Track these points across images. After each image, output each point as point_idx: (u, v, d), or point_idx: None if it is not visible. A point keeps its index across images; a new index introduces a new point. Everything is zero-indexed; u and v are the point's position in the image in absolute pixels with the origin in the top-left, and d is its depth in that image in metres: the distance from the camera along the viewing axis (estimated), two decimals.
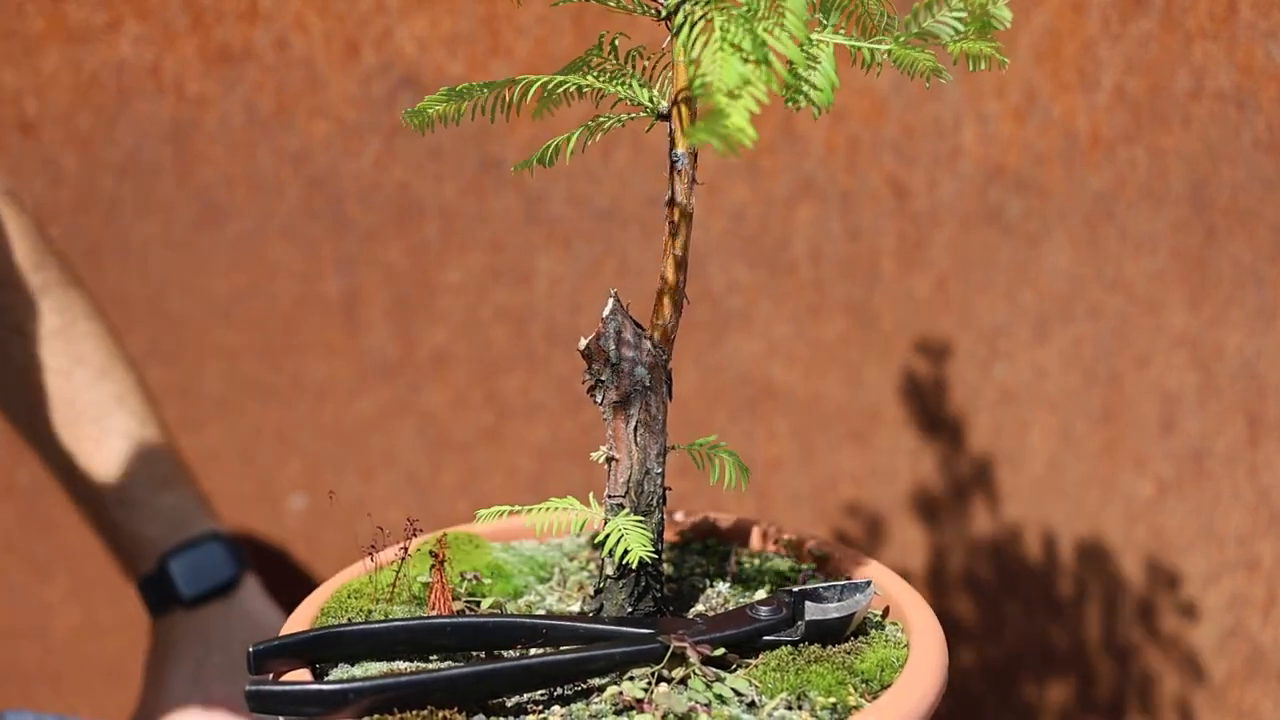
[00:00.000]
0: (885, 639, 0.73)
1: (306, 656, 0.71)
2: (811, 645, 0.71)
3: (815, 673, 0.69)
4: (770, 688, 0.68)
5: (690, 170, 0.71)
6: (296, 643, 0.71)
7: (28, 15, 1.27)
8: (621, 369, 0.73)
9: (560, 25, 1.22)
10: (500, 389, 1.31)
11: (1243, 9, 1.12)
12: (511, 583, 0.82)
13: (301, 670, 0.71)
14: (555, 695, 0.69)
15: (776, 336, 1.26)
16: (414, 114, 0.73)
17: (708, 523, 0.87)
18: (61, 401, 1.12)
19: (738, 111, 0.56)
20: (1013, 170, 1.19)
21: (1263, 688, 1.25)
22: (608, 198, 1.26)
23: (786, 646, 0.71)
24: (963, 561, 1.28)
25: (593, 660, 0.68)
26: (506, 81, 0.72)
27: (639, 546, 0.70)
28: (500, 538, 0.87)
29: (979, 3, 0.63)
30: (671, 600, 0.79)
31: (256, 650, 0.70)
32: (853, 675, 0.69)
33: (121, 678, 1.43)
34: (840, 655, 0.71)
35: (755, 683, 0.68)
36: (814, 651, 0.71)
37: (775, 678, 0.69)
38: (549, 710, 0.68)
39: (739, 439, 1.28)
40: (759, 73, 0.57)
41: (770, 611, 0.71)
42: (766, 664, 0.70)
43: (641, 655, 0.68)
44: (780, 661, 0.70)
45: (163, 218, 1.32)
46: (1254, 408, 1.20)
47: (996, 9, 0.63)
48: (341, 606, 0.77)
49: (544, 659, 0.68)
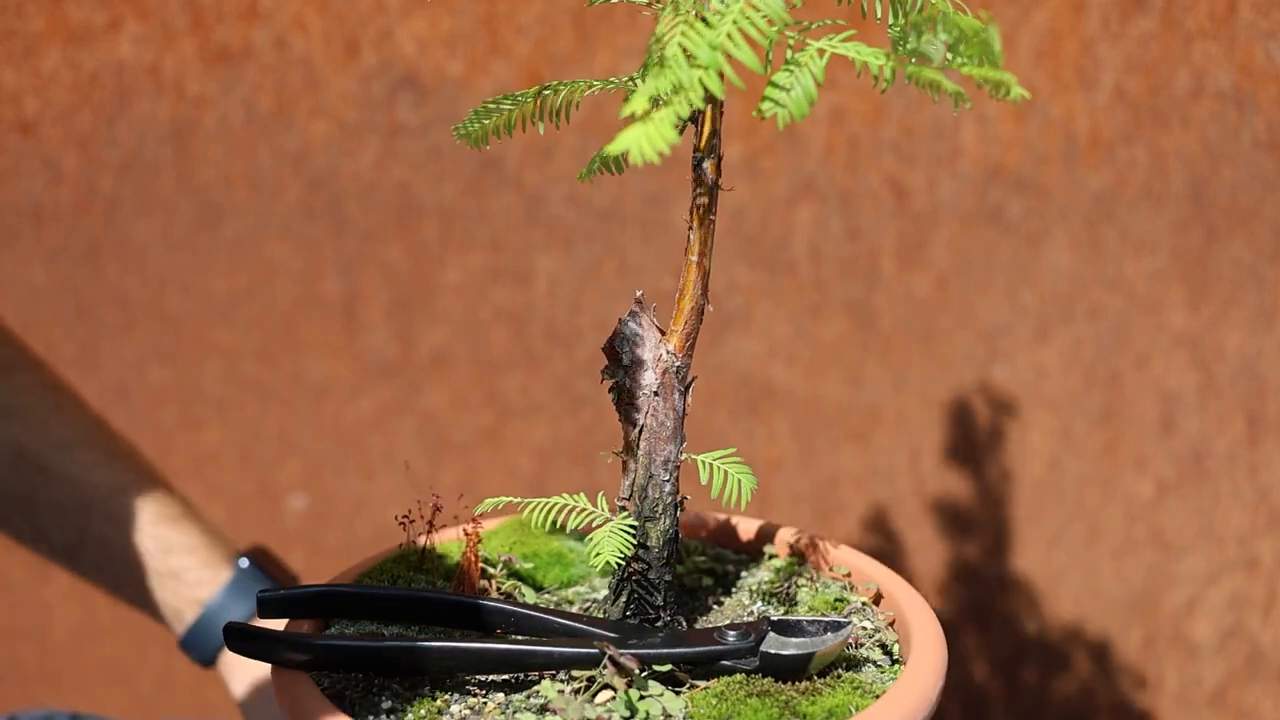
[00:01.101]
0: (856, 684, 0.69)
1: (310, 610, 0.75)
2: (765, 678, 0.69)
3: (750, 705, 0.66)
4: (701, 713, 0.66)
5: (711, 176, 0.70)
6: (300, 596, 0.74)
7: (28, 15, 1.27)
8: (633, 373, 0.72)
9: (560, 25, 1.22)
10: (500, 389, 1.31)
11: (1243, 9, 1.12)
12: (569, 571, 0.82)
13: (304, 622, 0.75)
14: (505, 683, 0.70)
15: (776, 336, 1.26)
16: (463, 133, 0.71)
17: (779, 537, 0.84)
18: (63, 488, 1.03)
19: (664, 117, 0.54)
20: (1013, 170, 1.19)
21: (1263, 688, 1.25)
22: (608, 198, 1.26)
23: (740, 675, 0.69)
24: (963, 561, 1.28)
25: (532, 655, 0.69)
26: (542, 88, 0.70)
27: (610, 551, 0.70)
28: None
29: (973, 29, 0.61)
30: (706, 611, 0.78)
31: (263, 597, 0.74)
32: (793, 716, 0.66)
33: (121, 678, 1.43)
34: (791, 694, 0.67)
35: (690, 706, 0.67)
36: (764, 685, 0.68)
37: (711, 704, 0.67)
38: (490, 696, 0.69)
39: (739, 439, 1.28)
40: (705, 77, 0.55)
41: (736, 637, 0.69)
42: (712, 689, 0.68)
43: (580, 658, 0.69)
44: (725, 689, 0.68)
45: (163, 218, 1.31)
46: (1254, 408, 1.20)
47: (990, 38, 0.61)
48: (384, 570, 0.81)
49: (488, 645, 0.69)
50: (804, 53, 0.63)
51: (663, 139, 0.54)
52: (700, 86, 0.55)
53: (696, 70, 0.55)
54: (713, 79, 0.55)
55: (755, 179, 1.23)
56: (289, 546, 1.37)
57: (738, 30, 0.56)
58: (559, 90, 0.71)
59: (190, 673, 1.42)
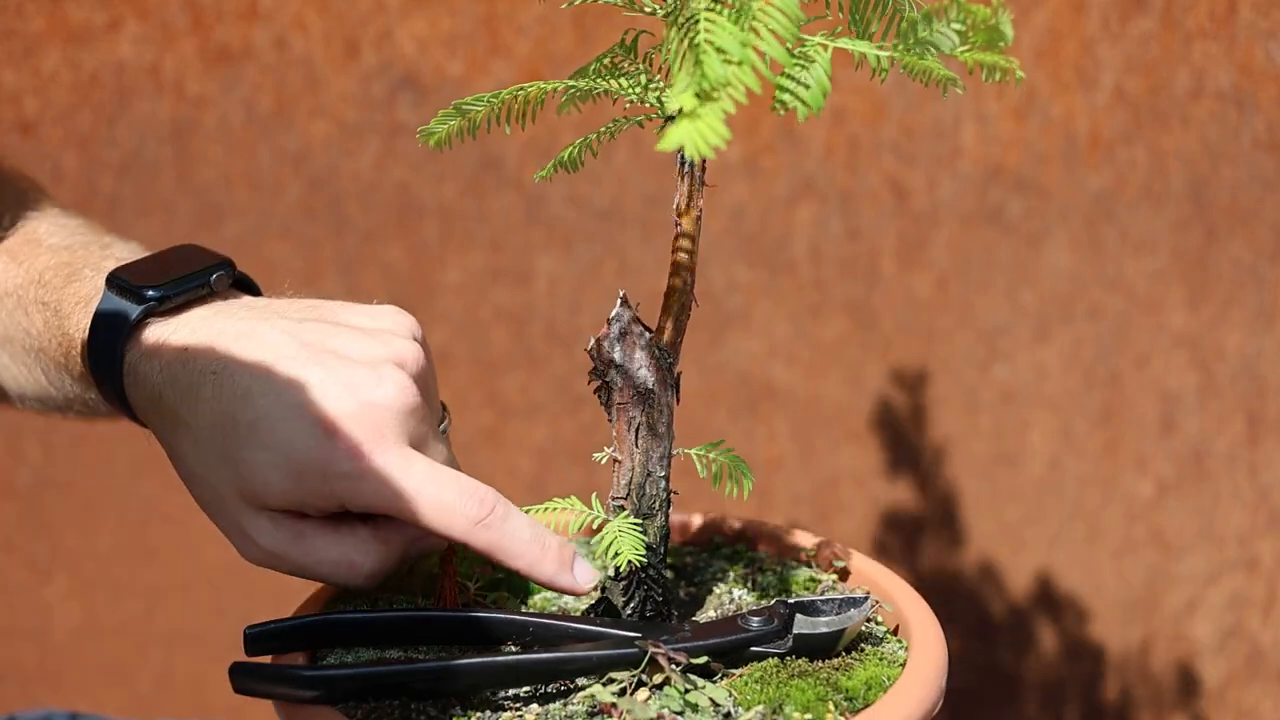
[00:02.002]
0: (881, 656, 0.71)
1: (302, 641, 0.71)
2: (799, 659, 0.70)
3: (796, 687, 0.67)
4: (748, 699, 0.67)
5: (698, 172, 0.71)
6: (292, 628, 0.71)
7: (28, 15, 1.27)
8: (625, 371, 0.72)
9: (560, 25, 1.22)
10: (500, 389, 1.31)
11: (1243, 9, 1.12)
12: None
13: (295, 655, 0.71)
14: (535, 693, 0.69)
15: (776, 336, 1.26)
16: (427, 133, 0.72)
17: (726, 526, 0.87)
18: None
19: (711, 114, 0.55)
20: (1013, 170, 1.19)
21: (1263, 688, 1.25)
22: (608, 198, 1.26)
23: (774, 659, 0.70)
24: (963, 561, 1.28)
25: (570, 661, 0.67)
26: (514, 90, 0.71)
27: (629, 549, 0.70)
28: None
29: (983, 16, 0.61)
30: (686, 604, 0.79)
31: (250, 633, 0.70)
32: (836, 692, 0.67)
33: (121, 678, 1.43)
34: (828, 671, 0.69)
35: (734, 693, 0.67)
36: (800, 665, 0.69)
37: (755, 690, 0.67)
38: (526, 708, 0.68)
39: (739, 439, 1.28)
40: (739, 73, 0.56)
41: (761, 622, 0.70)
42: (750, 675, 0.68)
43: (620, 659, 0.68)
44: (764, 673, 0.68)
45: (163, 218, 1.31)
46: (1254, 408, 1.20)
47: (1002, 23, 0.62)
48: (353, 594, 0.77)
49: (523, 657, 0.68)
50: (810, 46, 0.63)
51: (717, 135, 0.54)
52: (740, 84, 0.56)
53: (731, 66, 0.55)
54: (748, 74, 0.56)
55: (755, 179, 1.23)
56: None
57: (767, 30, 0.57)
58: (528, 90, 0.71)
59: (190, 673, 1.42)
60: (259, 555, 0.72)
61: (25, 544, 1.42)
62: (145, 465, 1.38)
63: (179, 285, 0.76)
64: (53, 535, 1.41)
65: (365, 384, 0.70)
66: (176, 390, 0.72)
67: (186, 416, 0.72)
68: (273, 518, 0.71)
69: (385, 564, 0.73)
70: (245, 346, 0.72)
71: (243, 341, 0.72)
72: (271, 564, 0.73)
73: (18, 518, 1.41)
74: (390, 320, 0.77)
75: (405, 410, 0.71)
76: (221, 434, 0.70)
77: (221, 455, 0.70)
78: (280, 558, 0.72)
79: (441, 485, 0.70)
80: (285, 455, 0.69)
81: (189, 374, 0.72)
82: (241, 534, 0.72)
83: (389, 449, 0.69)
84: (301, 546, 0.71)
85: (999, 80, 0.64)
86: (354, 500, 0.70)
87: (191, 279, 0.77)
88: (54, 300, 0.80)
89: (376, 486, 0.69)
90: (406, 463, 0.70)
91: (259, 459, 0.69)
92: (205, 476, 0.72)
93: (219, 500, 0.72)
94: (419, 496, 0.70)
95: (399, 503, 0.69)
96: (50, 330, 0.80)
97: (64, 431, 1.38)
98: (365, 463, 0.69)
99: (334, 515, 0.72)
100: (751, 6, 0.58)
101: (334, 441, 0.69)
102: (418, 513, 0.70)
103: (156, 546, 1.39)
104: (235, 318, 0.74)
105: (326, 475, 0.69)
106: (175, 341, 0.73)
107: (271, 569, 0.73)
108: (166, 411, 0.73)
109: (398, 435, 0.70)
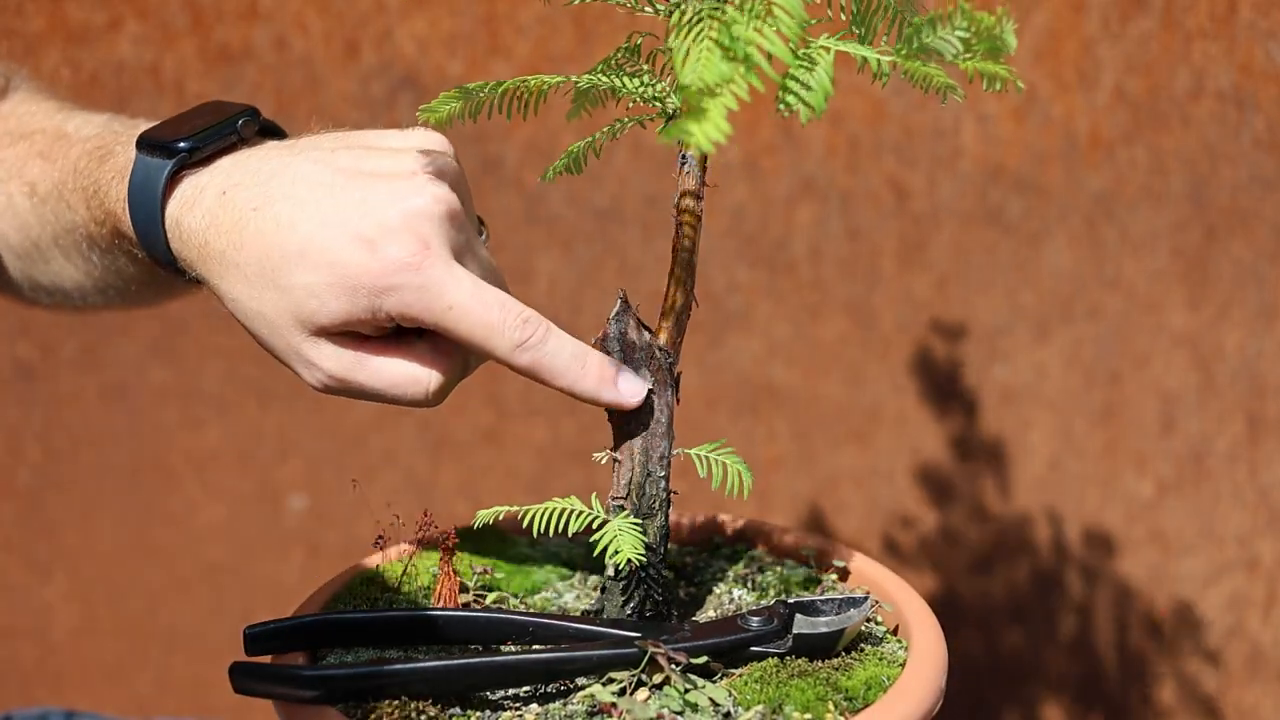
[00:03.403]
0: (880, 656, 0.71)
1: (302, 641, 0.71)
2: (799, 659, 0.70)
3: (796, 687, 0.67)
4: (748, 699, 0.67)
5: (698, 171, 0.71)
6: (292, 628, 0.71)
7: (28, 15, 1.27)
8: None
9: (560, 25, 1.22)
10: (500, 389, 1.31)
11: (1243, 9, 1.12)
12: (531, 578, 0.81)
13: (295, 655, 0.71)
14: (535, 693, 0.69)
15: (776, 336, 1.26)
16: (428, 110, 0.72)
17: (726, 526, 0.87)
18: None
19: (715, 109, 0.56)
20: (1013, 170, 1.19)
21: (1263, 688, 1.25)
22: (608, 198, 1.26)
23: (774, 659, 0.70)
24: (963, 561, 1.28)
25: (570, 661, 0.68)
26: (518, 81, 0.72)
27: (630, 549, 0.70)
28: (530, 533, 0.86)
29: (987, 25, 0.62)
30: (686, 604, 0.79)
31: (250, 633, 0.70)
32: (835, 691, 0.67)
33: (121, 678, 1.43)
34: (828, 671, 0.69)
35: (734, 693, 0.67)
36: (800, 665, 0.69)
37: (754, 689, 0.67)
38: (526, 708, 0.68)
39: (739, 439, 1.28)
40: (740, 70, 0.56)
41: (761, 622, 0.70)
42: (750, 675, 0.69)
43: (620, 659, 0.68)
44: (764, 673, 0.69)
45: None
46: (1254, 408, 1.20)
47: (1005, 33, 0.62)
48: (352, 594, 0.78)
49: (522, 657, 0.68)
50: (812, 49, 0.63)
51: (719, 131, 0.55)
52: (744, 81, 0.57)
53: (735, 64, 0.56)
54: (750, 72, 0.57)
55: (755, 179, 1.23)
56: (289, 546, 1.37)
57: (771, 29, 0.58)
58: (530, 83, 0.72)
59: (190, 673, 1.42)
60: (326, 381, 0.73)
61: (25, 544, 1.42)
62: (145, 465, 1.38)
63: (208, 135, 0.77)
64: (53, 535, 1.41)
65: (405, 195, 0.71)
66: (220, 233, 0.73)
67: (234, 256, 0.72)
68: (334, 341, 0.72)
69: (448, 377, 0.74)
70: (283, 180, 0.73)
71: (279, 176, 0.73)
72: (339, 389, 0.74)
73: (18, 518, 1.41)
74: (420, 139, 0.78)
75: (445, 217, 0.72)
76: (271, 266, 0.71)
77: (274, 286, 0.71)
78: (346, 381, 0.73)
79: (487, 305, 0.71)
80: (336, 274, 0.70)
81: (231, 215, 0.73)
82: (306, 362, 0.73)
83: (435, 262, 0.70)
84: (366, 369, 0.72)
85: (999, 90, 0.64)
86: (404, 313, 0.70)
87: (219, 128, 0.79)
88: (91, 183, 0.81)
89: (425, 299, 0.70)
90: (453, 278, 0.70)
91: (310, 282, 0.70)
92: (261, 311, 0.73)
93: (278, 332, 0.73)
94: (466, 315, 0.70)
95: (446, 318, 0.70)
96: (93, 212, 0.82)
97: (64, 431, 1.38)
98: (413, 275, 0.70)
99: (392, 336, 0.73)
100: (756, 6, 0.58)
101: (381, 254, 0.70)
102: (463, 331, 0.71)
103: (156, 546, 1.39)
104: (268, 157, 0.75)
105: (377, 290, 0.70)
106: (213, 188, 0.75)
107: (339, 394, 0.74)
108: (213, 256, 0.74)
109: (441, 243, 0.71)
